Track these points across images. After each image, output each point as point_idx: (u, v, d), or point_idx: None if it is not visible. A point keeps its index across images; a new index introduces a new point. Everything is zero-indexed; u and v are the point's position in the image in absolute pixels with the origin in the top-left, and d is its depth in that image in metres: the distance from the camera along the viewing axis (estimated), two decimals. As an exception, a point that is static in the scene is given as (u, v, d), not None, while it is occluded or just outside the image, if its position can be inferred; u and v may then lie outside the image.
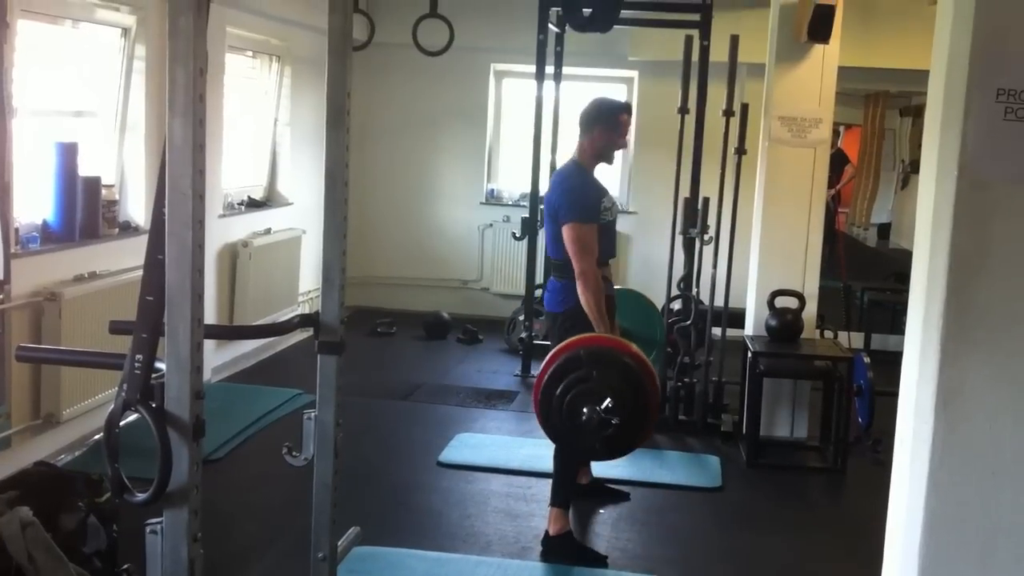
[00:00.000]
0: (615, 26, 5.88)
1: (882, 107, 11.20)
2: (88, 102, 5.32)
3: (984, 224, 2.00)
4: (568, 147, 4.45)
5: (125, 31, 5.36)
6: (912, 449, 2.11)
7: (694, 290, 5.94)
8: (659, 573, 3.96)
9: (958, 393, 2.02)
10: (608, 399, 3.71)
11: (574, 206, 4.19)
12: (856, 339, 7.43)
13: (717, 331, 5.82)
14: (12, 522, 3.11)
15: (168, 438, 1.93)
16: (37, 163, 4.74)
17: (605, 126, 4.33)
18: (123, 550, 3.24)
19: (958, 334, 2.02)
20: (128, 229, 5.34)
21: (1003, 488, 2.04)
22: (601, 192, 4.33)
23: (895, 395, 2.24)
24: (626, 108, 4.49)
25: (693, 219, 5.81)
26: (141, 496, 1.97)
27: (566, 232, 4.13)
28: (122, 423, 2.04)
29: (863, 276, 8.68)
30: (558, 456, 4.15)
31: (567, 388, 3.77)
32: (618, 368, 3.82)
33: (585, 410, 3.72)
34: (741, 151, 5.73)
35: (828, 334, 6.10)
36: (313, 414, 2.63)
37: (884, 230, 12.34)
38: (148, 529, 1.98)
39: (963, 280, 2.01)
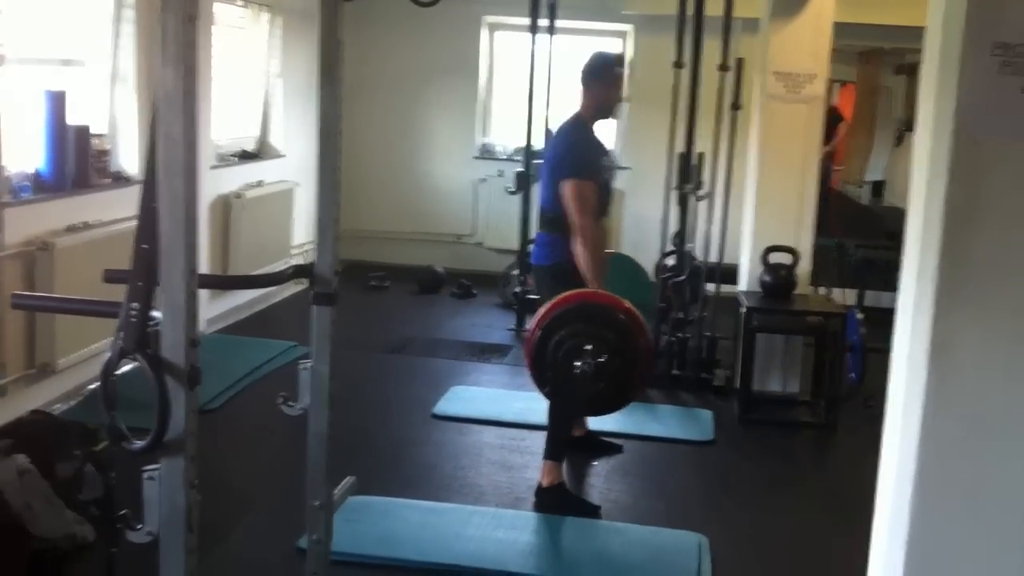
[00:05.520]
0: (610, -22, 5.83)
1: (877, 64, 11.14)
2: (77, 51, 5.26)
3: (978, 178, 2.00)
4: (562, 101, 4.45)
5: (115, -21, 5.30)
6: (904, 401, 2.12)
7: (688, 246, 5.95)
8: (651, 524, 4.01)
9: (950, 345, 2.03)
10: (595, 346, 3.69)
11: (575, 162, 4.18)
12: (849, 296, 7.45)
13: (711, 287, 5.83)
14: (9, 470, 3.14)
15: (166, 385, 1.94)
16: (27, 112, 4.70)
17: (601, 80, 4.33)
18: (119, 498, 3.26)
19: (951, 288, 2.02)
20: (120, 179, 5.31)
21: (992, 440, 2.06)
22: (601, 150, 4.33)
23: (887, 352, 2.25)
24: (619, 61, 4.49)
25: (687, 174, 5.80)
26: (139, 444, 1.98)
27: (565, 188, 4.12)
28: (118, 372, 2.04)
29: (856, 233, 8.67)
30: (552, 410, 4.16)
31: (559, 344, 3.76)
32: (611, 324, 3.80)
33: (578, 364, 3.70)
34: (736, 106, 5.71)
35: (821, 290, 6.12)
36: (308, 364, 2.65)
37: (878, 188, 12.32)
38: (145, 475, 1.99)
39: (957, 234, 2.01)
